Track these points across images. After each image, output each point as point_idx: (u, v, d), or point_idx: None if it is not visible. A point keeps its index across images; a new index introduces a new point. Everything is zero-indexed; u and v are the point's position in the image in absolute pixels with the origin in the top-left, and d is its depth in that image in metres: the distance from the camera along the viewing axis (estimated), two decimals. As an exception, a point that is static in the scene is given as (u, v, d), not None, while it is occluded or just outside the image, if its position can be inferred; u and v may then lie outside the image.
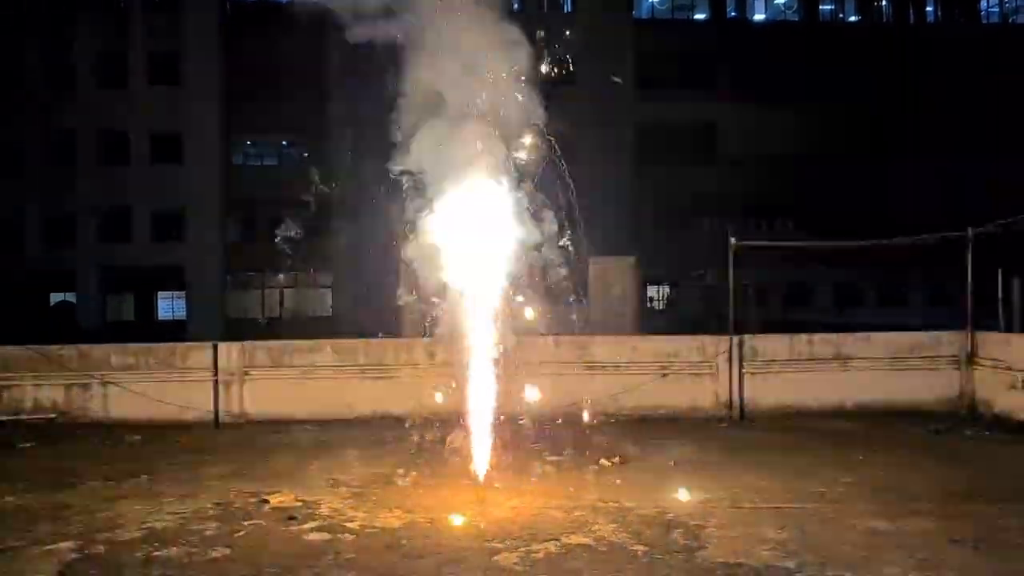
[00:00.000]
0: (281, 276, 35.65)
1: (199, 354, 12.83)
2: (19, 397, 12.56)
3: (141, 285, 38.31)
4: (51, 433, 11.81)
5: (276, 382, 12.79)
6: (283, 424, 12.25)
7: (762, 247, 14.24)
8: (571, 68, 9.16)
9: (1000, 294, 15.53)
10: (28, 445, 11.18)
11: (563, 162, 8.96)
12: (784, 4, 40.07)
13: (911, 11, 40.12)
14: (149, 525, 7.41)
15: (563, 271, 9.10)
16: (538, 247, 8.74)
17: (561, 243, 9.02)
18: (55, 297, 38.22)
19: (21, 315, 30.11)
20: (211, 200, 36.99)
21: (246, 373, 12.75)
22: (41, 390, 12.54)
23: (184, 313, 37.24)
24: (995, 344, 12.88)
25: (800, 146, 36.76)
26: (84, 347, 12.91)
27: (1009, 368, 12.36)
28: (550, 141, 8.80)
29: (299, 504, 8.07)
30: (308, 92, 33.83)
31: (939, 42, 37.45)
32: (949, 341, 13.35)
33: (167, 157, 37.02)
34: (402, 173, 8.56)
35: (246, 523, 7.49)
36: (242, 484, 8.86)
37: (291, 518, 7.59)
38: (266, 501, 8.15)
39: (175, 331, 32.24)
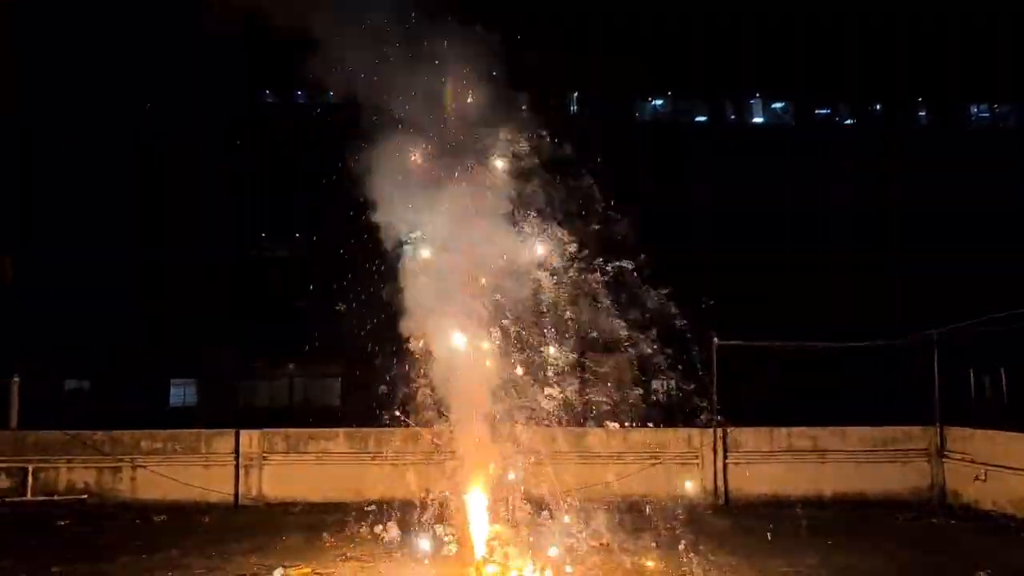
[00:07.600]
0: (291, 365, 36.33)
1: (222, 440, 13.80)
2: (53, 479, 13.47)
3: (153, 372, 39.08)
4: (84, 513, 12.73)
5: (292, 467, 13.74)
6: (298, 506, 13.17)
7: (744, 347, 15.15)
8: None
9: (973, 392, 16.40)
10: (64, 523, 12.11)
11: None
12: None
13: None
14: (183, 591, 8.38)
15: (565, 365, 10.20)
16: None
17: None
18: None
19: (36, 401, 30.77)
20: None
21: (264, 458, 13.71)
22: (74, 472, 13.47)
23: (195, 400, 38.00)
24: (962, 439, 13.83)
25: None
26: (116, 432, 13.86)
27: (974, 461, 13.30)
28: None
29: (315, 576, 9.03)
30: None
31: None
32: (920, 435, 14.27)
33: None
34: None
35: (269, 590, 8.45)
36: (262, 558, 9.81)
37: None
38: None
39: (186, 418, 32.93)
